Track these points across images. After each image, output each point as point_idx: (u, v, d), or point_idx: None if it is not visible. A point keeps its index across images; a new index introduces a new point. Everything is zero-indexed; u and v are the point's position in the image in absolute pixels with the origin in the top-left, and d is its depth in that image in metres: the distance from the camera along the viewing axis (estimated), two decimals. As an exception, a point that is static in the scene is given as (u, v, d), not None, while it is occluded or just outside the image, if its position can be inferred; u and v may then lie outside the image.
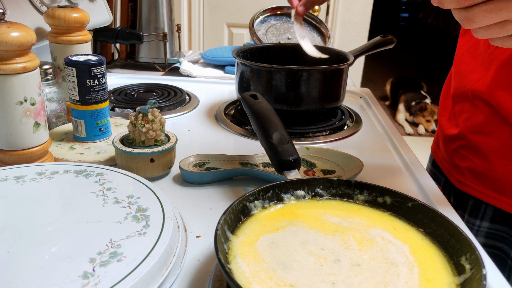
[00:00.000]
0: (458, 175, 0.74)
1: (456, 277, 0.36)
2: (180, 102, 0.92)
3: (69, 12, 0.70)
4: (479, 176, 0.69)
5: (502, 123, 0.64)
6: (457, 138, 0.74)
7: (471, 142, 0.70)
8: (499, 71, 0.63)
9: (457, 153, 0.74)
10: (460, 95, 0.74)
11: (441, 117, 0.82)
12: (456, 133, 0.74)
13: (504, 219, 0.69)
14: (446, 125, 0.78)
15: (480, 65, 0.68)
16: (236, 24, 2.46)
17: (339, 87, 0.80)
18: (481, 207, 0.71)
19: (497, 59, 0.64)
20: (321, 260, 0.37)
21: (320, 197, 0.47)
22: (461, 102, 0.73)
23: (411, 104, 3.51)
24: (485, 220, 0.71)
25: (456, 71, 0.76)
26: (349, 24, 2.45)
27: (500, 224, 0.70)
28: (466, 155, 0.71)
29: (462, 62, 0.74)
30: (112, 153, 0.64)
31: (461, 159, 0.73)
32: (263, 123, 0.55)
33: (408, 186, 0.62)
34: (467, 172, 0.71)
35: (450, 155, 0.76)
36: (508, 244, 0.70)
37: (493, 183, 0.67)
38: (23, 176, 0.51)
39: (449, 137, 0.77)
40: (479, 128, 0.68)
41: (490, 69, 0.65)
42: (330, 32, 1.25)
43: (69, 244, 0.39)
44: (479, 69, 0.68)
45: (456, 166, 0.74)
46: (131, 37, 1.13)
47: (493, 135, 0.66)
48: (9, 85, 0.52)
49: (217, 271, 0.41)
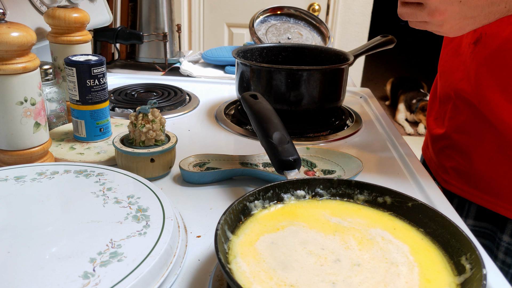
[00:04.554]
0: (444, 174, 0.74)
1: (456, 277, 0.36)
2: (180, 102, 0.92)
3: (69, 12, 0.70)
4: (462, 175, 0.70)
5: (483, 123, 0.65)
6: (442, 137, 0.74)
7: (455, 142, 0.71)
8: (479, 70, 0.64)
9: (443, 153, 0.75)
10: (444, 95, 0.74)
11: (429, 117, 0.82)
12: (442, 133, 0.74)
13: (487, 217, 0.70)
14: (433, 125, 0.79)
15: (462, 64, 0.68)
16: (236, 24, 2.45)
17: (339, 87, 0.80)
18: (465, 205, 0.72)
19: (477, 58, 0.64)
20: (321, 260, 0.37)
21: (320, 197, 0.47)
22: (446, 101, 0.74)
23: (412, 102, 3.51)
24: (470, 218, 0.72)
25: (441, 70, 0.77)
26: (349, 24, 2.45)
27: (484, 221, 0.71)
28: (451, 154, 0.72)
29: (446, 62, 0.75)
30: (112, 153, 0.64)
31: (446, 159, 0.74)
32: (263, 123, 0.55)
33: (408, 186, 0.62)
34: (452, 171, 0.72)
35: (436, 155, 0.77)
36: (492, 241, 0.71)
37: (476, 181, 0.68)
38: (23, 176, 0.51)
39: (435, 137, 0.77)
40: (462, 128, 0.69)
41: (471, 68, 0.65)
42: (330, 32, 1.25)
43: (69, 244, 0.40)
44: (461, 68, 0.68)
45: (442, 166, 0.75)
46: (131, 37, 1.13)
47: (475, 134, 0.67)
48: (10, 85, 0.52)
49: (217, 271, 0.41)
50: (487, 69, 0.62)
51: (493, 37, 0.61)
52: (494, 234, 0.70)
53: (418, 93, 3.56)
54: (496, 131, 0.63)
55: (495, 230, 0.70)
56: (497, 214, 0.67)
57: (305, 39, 1.22)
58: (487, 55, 0.62)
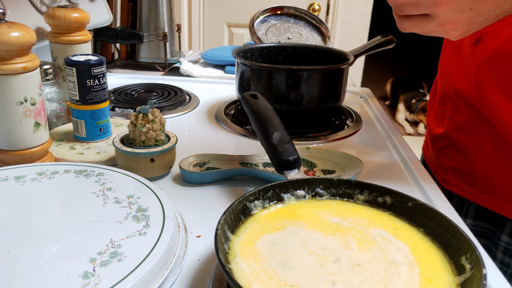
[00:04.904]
0: (443, 174, 0.75)
1: (457, 276, 0.36)
2: (180, 102, 0.92)
3: (69, 12, 0.70)
4: (462, 174, 0.70)
5: (482, 122, 0.65)
6: (442, 137, 0.75)
7: (454, 141, 0.71)
8: (479, 70, 0.64)
9: (442, 152, 0.75)
10: (444, 95, 0.74)
11: (429, 117, 0.83)
12: (441, 133, 0.75)
13: (486, 216, 0.70)
14: (433, 125, 0.79)
15: (463, 64, 0.68)
16: (236, 24, 2.45)
17: (339, 87, 0.80)
18: (464, 205, 0.72)
19: (477, 58, 0.64)
20: (321, 260, 0.37)
21: (320, 197, 0.47)
22: (446, 101, 0.74)
23: (411, 102, 3.51)
24: (469, 218, 0.72)
25: (441, 70, 0.77)
26: (349, 24, 2.45)
27: (483, 221, 0.71)
28: (450, 154, 0.72)
29: (446, 61, 0.75)
30: (112, 153, 0.64)
31: (445, 158, 0.74)
32: (263, 123, 0.55)
33: (408, 186, 0.62)
34: (451, 170, 0.72)
35: (436, 154, 0.77)
36: (491, 240, 0.71)
37: (475, 181, 0.68)
38: (23, 176, 0.51)
39: (435, 137, 0.77)
40: (461, 127, 0.69)
41: (472, 68, 0.65)
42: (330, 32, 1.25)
43: (69, 244, 0.40)
44: (462, 68, 0.69)
45: (442, 165, 0.75)
46: (131, 37, 1.13)
47: (474, 134, 0.67)
48: (9, 85, 0.52)
49: (217, 271, 0.41)
50: (487, 69, 0.62)
51: (493, 37, 0.62)
52: (493, 234, 0.70)
53: (418, 93, 3.56)
54: (496, 130, 0.63)
55: (494, 229, 0.70)
56: (496, 214, 0.68)
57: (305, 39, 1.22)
58: (487, 55, 0.62)
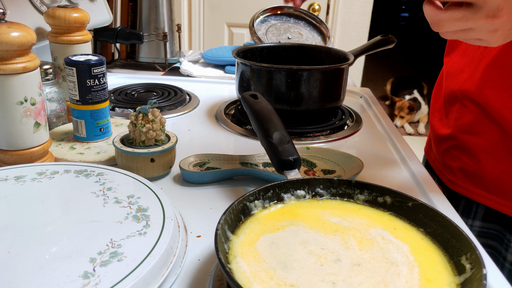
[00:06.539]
0: (450, 175, 0.74)
1: (457, 276, 0.36)
2: (180, 102, 0.92)
3: (69, 12, 0.70)
4: (469, 175, 0.70)
5: (490, 123, 0.65)
6: (448, 138, 0.74)
7: (461, 142, 0.71)
8: (486, 71, 0.63)
9: (448, 153, 0.74)
10: (450, 95, 0.74)
11: (432, 118, 0.82)
12: (448, 134, 0.74)
13: (495, 218, 0.70)
14: (437, 126, 0.79)
15: (469, 65, 0.68)
16: (236, 24, 2.45)
17: (339, 87, 0.80)
18: (473, 206, 0.71)
19: (485, 58, 0.64)
20: (321, 260, 0.37)
21: (320, 196, 0.47)
22: (452, 102, 0.74)
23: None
24: (477, 219, 0.71)
25: (447, 71, 0.76)
26: (349, 23, 2.45)
27: (491, 222, 0.70)
28: (457, 155, 0.72)
29: (454, 63, 0.74)
30: (112, 153, 0.64)
31: (452, 159, 0.73)
32: (263, 123, 0.55)
33: (408, 185, 0.62)
34: (458, 172, 0.72)
35: (441, 156, 0.77)
36: (500, 242, 0.70)
37: (483, 182, 0.68)
38: (23, 176, 0.51)
39: (440, 138, 0.77)
40: (469, 128, 0.69)
41: (479, 68, 0.65)
42: (330, 32, 1.25)
43: (69, 244, 0.39)
44: (468, 69, 0.68)
45: (448, 166, 0.75)
46: (131, 37, 1.13)
47: (482, 134, 0.67)
48: (10, 85, 0.52)
49: (217, 271, 0.41)
50: (494, 69, 0.62)
51: None
52: (502, 236, 0.69)
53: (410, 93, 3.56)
54: (504, 131, 0.63)
55: (503, 231, 0.69)
56: (505, 215, 0.67)
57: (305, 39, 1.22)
58: (495, 55, 0.62)
